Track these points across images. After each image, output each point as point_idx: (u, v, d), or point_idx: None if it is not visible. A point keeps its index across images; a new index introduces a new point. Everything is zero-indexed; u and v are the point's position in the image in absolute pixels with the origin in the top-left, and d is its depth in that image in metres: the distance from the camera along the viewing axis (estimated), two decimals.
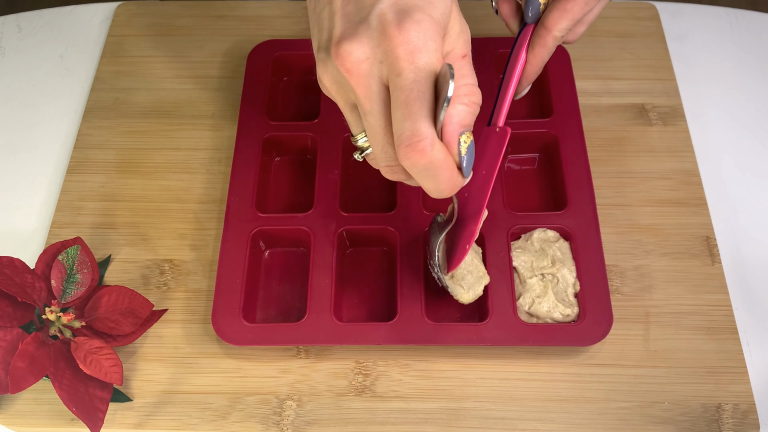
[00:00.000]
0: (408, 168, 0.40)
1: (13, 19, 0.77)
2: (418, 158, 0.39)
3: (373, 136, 0.42)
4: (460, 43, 0.42)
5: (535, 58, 0.52)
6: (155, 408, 0.55)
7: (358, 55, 0.40)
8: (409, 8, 0.39)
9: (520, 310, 0.57)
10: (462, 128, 0.40)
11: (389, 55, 0.39)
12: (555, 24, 0.50)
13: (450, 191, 0.42)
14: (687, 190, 0.63)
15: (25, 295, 0.52)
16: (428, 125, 0.39)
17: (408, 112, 0.39)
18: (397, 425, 0.54)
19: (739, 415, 0.54)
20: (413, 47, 0.38)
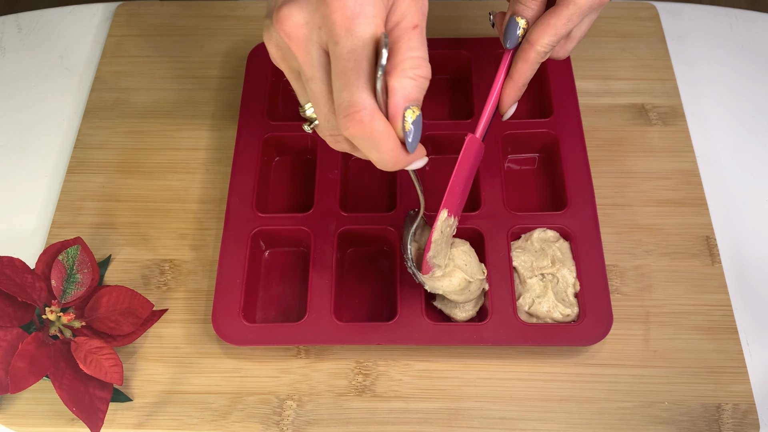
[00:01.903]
0: (349, 138, 0.39)
1: (13, 19, 0.77)
2: (356, 129, 0.38)
3: (316, 103, 0.41)
4: (412, 12, 0.40)
5: (516, 73, 0.52)
6: (155, 408, 0.55)
7: (296, 20, 0.39)
8: None
9: (520, 310, 0.57)
10: (407, 102, 0.39)
11: (326, 21, 0.38)
12: (538, 39, 0.50)
13: (394, 164, 0.41)
14: (687, 190, 0.63)
15: (25, 295, 0.52)
16: (366, 95, 0.38)
17: (345, 82, 0.38)
18: (397, 425, 0.54)
19: (739, 415, 0.54)
20: (350, 13, 0.37)
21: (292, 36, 0.39)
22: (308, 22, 0.39)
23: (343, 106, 0.38)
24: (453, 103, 0.69)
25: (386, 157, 0.40)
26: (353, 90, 0.38)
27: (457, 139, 0.64)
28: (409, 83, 0.39)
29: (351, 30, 0.37)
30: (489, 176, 0.61)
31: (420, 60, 0.39)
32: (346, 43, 0.38)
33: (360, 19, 0.37)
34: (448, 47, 0.68)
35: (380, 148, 0.39)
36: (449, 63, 0.69)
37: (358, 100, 0.38)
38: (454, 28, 0.73)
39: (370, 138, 0.39)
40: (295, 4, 0.39)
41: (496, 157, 0.62)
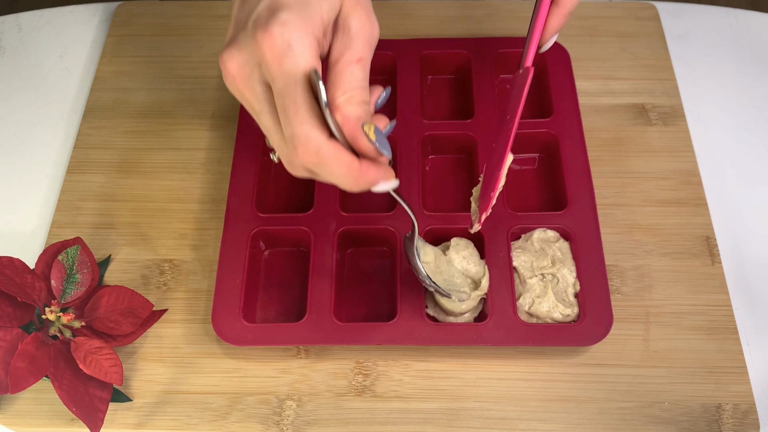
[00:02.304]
0: (303, 167, 0.41)
1: (13, 19, 0.77)
2: (305, 158, 0.40)
3: (269, 135, 0.42)
4: (358, 44, 0.41)
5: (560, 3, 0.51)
6: (155, 408, 0.55)
7: (238, 60, 0.40)
8: (278, 9, 0.39)
9: (520, 310, 0.57)
10: (360, 121, 0.40)
11: (261, 60, 0.39)
12: None
13: (354, 183, 0.41)
14: (687, 190, 0.63)
15: (25, 295, 0.52)
16: (307, 126, 0.39)
17: (286, 117, 0.39)
18: (397, 425, 0.54)
19: (739, 415, 0.54)
20: (278, 51, 0.38)
21: (236, 77, 0.41)
22: (248, 62, 0.40)
23: (289, 139, 0.40)
24: (453, 103, 0.69)
25: (343, 180, 0.41)
26: (293, 123, 0.39)
27: (458, 139, 0.64)
28: (354, 108, 0.40)
29: (281, 67, 0.39)
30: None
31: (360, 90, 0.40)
32: (279, 81, 0.39)
33: (288, 56, 0.38)
34: (448, 47, 0.68)
35: (334, 172, 0.40)
36: (449, 63, 0.69)
37: (299, 133, 0.39)
38: (454, 28, 0.73)
39: (321, 164, 0.40)
40: (234, 46, 0.41)
41: None
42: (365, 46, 0.41)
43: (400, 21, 0.74)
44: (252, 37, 0.39)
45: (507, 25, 0.73)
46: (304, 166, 0.41)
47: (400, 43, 0.68)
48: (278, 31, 0.38)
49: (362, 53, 0.41)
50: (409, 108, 0.65)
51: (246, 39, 0.40)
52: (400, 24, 0.74)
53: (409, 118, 0.64)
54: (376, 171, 0.42)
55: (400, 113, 0.64)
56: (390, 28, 0.73)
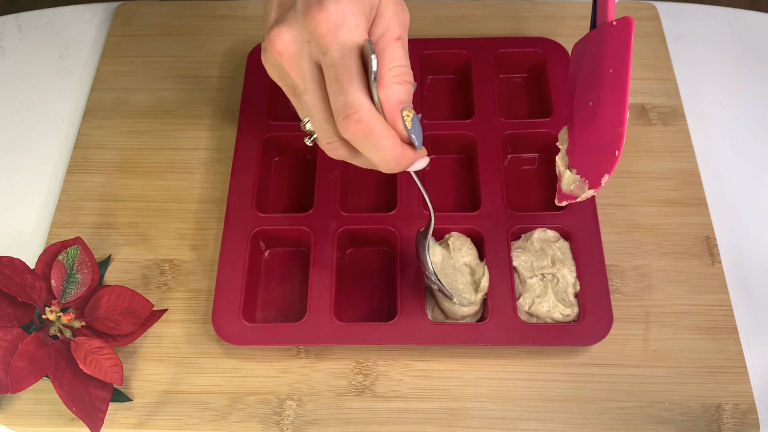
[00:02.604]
0: (350, 140, 0.41)
1: (13, 19, 0.77)
2: (356, 128, 0.40)
3: (311, 114, 0.43)
4: (395, 25, 0.43)
5: None
6: (155, 408, 0.55)
7: (286, 38, 0.41)
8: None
9: (520, 310, 0.57)
10: (401, 104, 0.41)
11: (314, 34, 0.40)
12: None
13: (397, 163, 0.42)
14: (687, 190, 0.63)
15: (25, 295, 0.52)
16: (361, 96, 0.40)
17: (339, 87, 0.40)
18: (397, 425, 0.54)
19: (739, 415, 0.54)
20: (333, 24, 0.40)
21: (283, 54, 0.42)
22: (297, 39, 0.42)
23: (341, 109, 0.40)
24: (453, 103, 0.69)
25: (388, 156, 0.42)
26: (348, 92, 0.40)
27: (458, 139, 0.64)
28: (398, 88, 0.41)
29: (337, 38, 0.40)
30: (489, 176, 0.61)
31: (404, 68, 0.42)
32: (334, 51, 0.40)
33: (344, 28, 0.40)
34: (448, 47, 0.68)
35: (381, 147, 0.41)
36: (449, 63, 0.69)
37: (354, 102, 0.40)
38: (454, 28, 0.73)
39: (370, 137, 0.40)
40: (283, 24, 0.42)
41: (496, 157, 0.62)
42: (402, 26, 0.43)
43: None
44: (304, 14, 0.41)
45: (507, 25, 0.73)
46: (353, 137, 0.41)
47: None
48: (333, 6, 0.40)
49: (400, 32, 0.43)
50: None
51: (296, 16, 0.41)
52: None
53: None
54: (414, 152, 0.43)
55: None
56: None
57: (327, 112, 0.43)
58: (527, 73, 0.70)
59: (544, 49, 0.67)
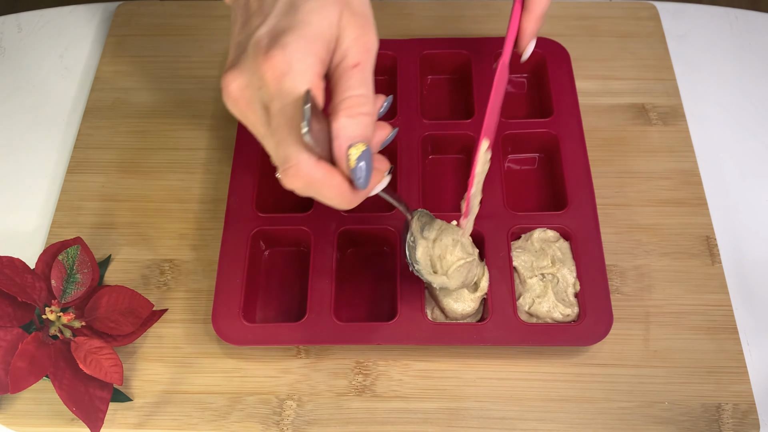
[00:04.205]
0: (294, 191, 0.40)
1: (13, 19, 0.77)
2: (293, 182, 0.39)
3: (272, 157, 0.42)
4: (354, 51, 0.41)
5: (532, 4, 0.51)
6: (155, 408, 0.55)
7: (239, 83, 0.40)
8: (279, 32, 0.39)
9: (520, 310, 0.57)
10: (349, 141, 0.39)
11: (262, 82, 0.39)
12: None
13: (347, 204, 0.41)
14: (687, 190, 0.63)
15: (25, 295, 0.52)
16: (297, 149, 0.38)
17: (278, 138, 0.39)
18: (397, 425, 0.54)
19: (739, 415, 0.54)
20: (279, 72, 0.38)
21: (238, 99, 0.41)
22: (249, 85, 0.40)
23: (279, 162, 0.40)
24: (453, 103, 0.69)
25: (335, 201, 0.41)
26: (284, 146, 0.39)
27: (458, 139, 0.64)
28: (348, 122, 0.39)
29: (280, 88, 0.38)
30: (489, 176, 0.61)
31: (358, 98, 0.40)
32: (276, 102, 0.39)
33: (288, 76, 0.38)
34: (448, 47, 0.68)
35: (325, 195, 0.40)
36: (449, 63, 0.69)
37: (290, 155, 0.39)
38: (454, 28, 0.73)
39: (310, 188, 0.40)
40: (236, 69, 0.40)
41: (496, 157, 0.62)
42: (362, 51, 0.41)
43: (400, 21, 0.74)
44: (253, 60, 0.39)
45: (507, 25, 0.73)
46: (294, 189, 0.40)
47: (400, 43, 0.68)
48: (278, 53, 0.38)
49: (358, 58, 0.41)
50: (409, 108, 0.65)
51: (247, 62, 0.40)
52: (400, 24, 0.74)
53: (409, 118, 0.64)
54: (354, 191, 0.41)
55: (400, 113, 0.64)
56: (390, 28, 0.73)
57: None
58: (527, 73, 0.70)
59: (544, 49, 0.67)
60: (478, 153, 0.51)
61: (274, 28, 0.40)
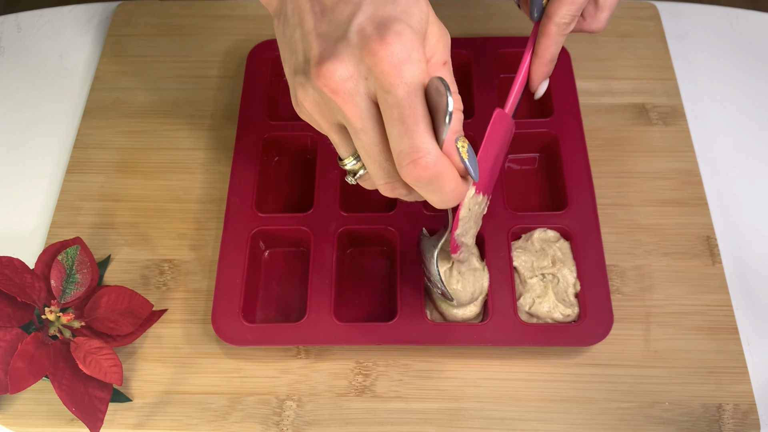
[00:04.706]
0: (413, 184, 0.39)
1: (13, 18, 0.77)
2: (422, 173, 0.38)
3: (369, 154, 0.41)
4: (441, 49, 0.41)
5: (540, 49, 0.51)
6: (155, 408, 0.55)
7: (341, 74, 0.38)
8: (387, 20, 0.38)
9: (521, 310, 0.56)
10: (455, 134, 0.40)
11: (374, 71, 0.38)
12: (556, 11, 0.49)
13: (456, 200, 0.41)
14: (687, 190, 0.63)
15: (25, 295, 0.52)
16: (428, 139, 0.38)
17: (405, 128, 0.38)
18: (397, 425, 0.54)
19: (740, 415, 0.54)
20: (398, 60, 0.37)
21: (338, 91, 0.39)
22: (353, 75, 0.38)
23: (405, 152, 0.38)
24: None
25: (449, 196, 0.40)
26: (413, 135, 0.38)
27: None
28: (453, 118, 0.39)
29: (402, 77, 0.37)
30: None
31: (455, 95, 0.40)
32: (399, 91, 0.37)
33: (408, 64, 0.37)
34: None
35: (444, 189, 0.39)
36: None
37: (420, 145, 0.38)
38: (454, 28, 0.73)
39: (435, 180, 0.39)
40: (336, 60, 0.38)
41: None
42: (447, 50, 0.41)
43: None
44: (362, 48, 0.38)
45: (507, 25, 0.73)
46: (417, 181, 0.39)
47: None
48: (396, 39, 0.37)
49: (446, 57, 0.41)
50: None
51: (351, 50, 0.38)
52: None
53: None
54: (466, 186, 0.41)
55: None
56: None
57: (387, 152, 0.40)
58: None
59: None
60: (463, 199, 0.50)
61: (375, 15, 0.38)
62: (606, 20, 0.53)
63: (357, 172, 0.44)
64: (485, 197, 0.53)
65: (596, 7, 0.52)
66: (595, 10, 0.52)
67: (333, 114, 0.41)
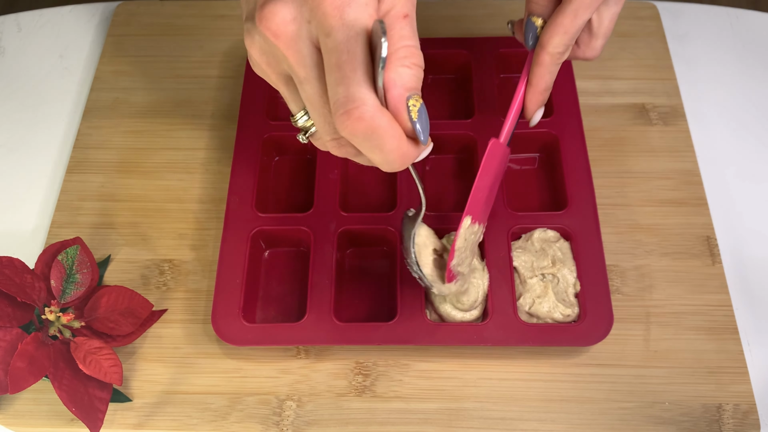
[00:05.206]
0: (348, 138, 0.36)
1: (13, 18, 0.77)
2: (356, 125, 0.35)
3: (313, 107, 0.38)
4: (402, 1, 0.37)
5: (534, 78, 0.50)
6: (155, 408, 0.55)
7: (283, 15, 0.36)
8: None
9: (521, 310, 0.56)
10: (408, 92, 0.36)
11: (316, 12, 0.35)
12: (549, 40, 0.48)
13: (401, 162, 0.37)
14: (687, 190, 0.63)
15: (25, 295, 0.52)
16: (365, 88, 0.35)
17: (341, 75, 0.35)
18: (397, 425, 0.54)
19: (740, 415, 0.54)
20: (341, 2, 0.35)
21: (279, 34, 0.36)
22: (296, 18, 0.36)
23: (340, 102, 0.35)
24: (453, 103, 0.69)
25: (392, 156, 0.37)
26: (349, 83, 0.35)
27: (457, 139, 0.64)
28: (406, 72, 0.36)
29: (343, 18, 0.35)
30: None
31: (413, 49, 0.37)
32: (339, 34, 0.35)
33: (351, 6, 0.35)
34: (448, 47, 0.68)
35: (385, 147, 0.36)
36: (449, 63, 0.69)
37: (356, 94, 0.35)
38: (454, 28, 0.73)
39: (372, 135, 0.35)
40: (279, 1, 0.36)
41: None
42: (409, 3, 0.38)
43: None
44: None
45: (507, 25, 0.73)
46: (352, 135, 0.36)
47: None
48: None
49: (407, 9, 0.38)
50: None
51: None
52: None
53: None
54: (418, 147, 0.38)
55: None
56: None
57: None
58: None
59: None
60: (459, 229, 0.50)
61: None
62: (601, 48, 0.52)
63: (308, 130, 0.42)
64: (481, 226, 0.53)
65: (590, 35, 0.51)
66: (589, 38, 0.51)
67: (279, 63, 0.39)
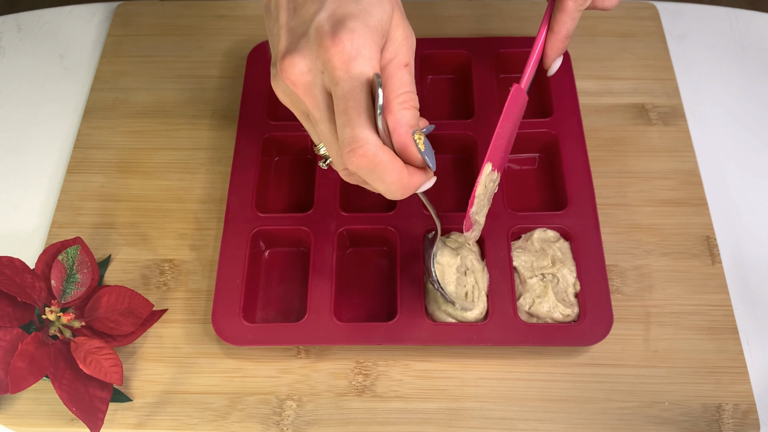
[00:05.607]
0: (356, 172, 0.42)
1: (13, 19, 0.77)
2: (360, 161, 0.40)
3: (326, 142, 0.44)
4: (404, 50, 0.43)
5: (557, 25, 0.52)
6: (155, 408, 0.55)
7: (300, 68, 0.42)
8: (344, 18, 0.41)
9: (521, 310, 0.56)
10: (411, 129, 0.41)
11: (327, 65, 0.41)
12: None
13: (402, 192, 0.43)
14: (687, 190, 0.63)
15: (25, 295, 0.52)
16: (367, 130, 0.40)
17: (347, 119, 0.40)
18: (397, 425, 0.54)
19: (740, 415, 0.54)
20: (347, 56, 0.40)
21: (297, 83, 0.42)
22: (311, 69, 0.42)
23: (346, 142, 0.40)
24: (453, 103, 0.69)
25: (393, 187, 0.42)
26: (354, 125, 0.40)
27: (457, 139, 0.64)
28: (407, 113, 0.41)
29: (349, 71, 0.40)
30: None
31: (411, 94, 0.42)
32: (346, 84, 0.40)
33: (357, 60, 0.40)
34: (448, 47, 0.68)
35: (386, 179, 0.42)
36: (449, 63, 0.69)
37: (360, 135, 0.40)
38: (454, 28, 0.73)
39: (375, 169, 0.41)
40: (297, 54, 0.42)
41: None
42: (410, 52, 0.44)
43: None
44: (318, 44, 0.41)
45: (507, 25, 0.73)
46: (357, 170, 0.41)
47: None
48: (348, 37, 0.40)
49: (408, 59, 0.43)
50: None
51: (309, 46, 0.41)
52: None
53: None
54: (420, 177, 0.43)
55: None
56: None
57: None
58: None
59: None
60: (480, 176, 0.51)
61: (335, 13, 0.41)
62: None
63: (327, 159, 0.48)
64: (498, 174, 0.53)
65: None
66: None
67: (299, 104, 0.44)
